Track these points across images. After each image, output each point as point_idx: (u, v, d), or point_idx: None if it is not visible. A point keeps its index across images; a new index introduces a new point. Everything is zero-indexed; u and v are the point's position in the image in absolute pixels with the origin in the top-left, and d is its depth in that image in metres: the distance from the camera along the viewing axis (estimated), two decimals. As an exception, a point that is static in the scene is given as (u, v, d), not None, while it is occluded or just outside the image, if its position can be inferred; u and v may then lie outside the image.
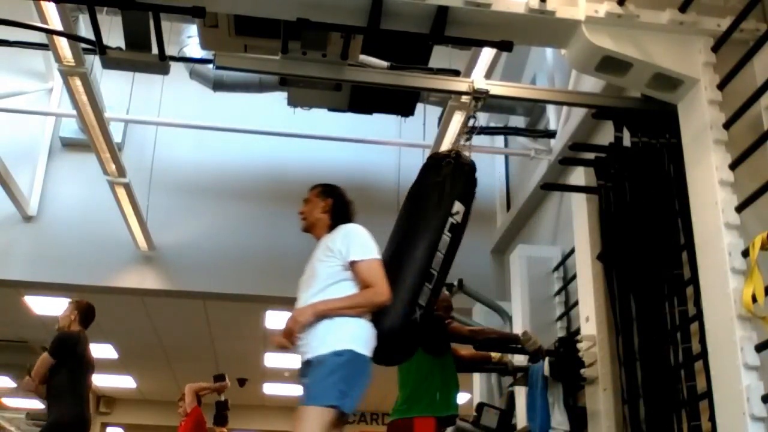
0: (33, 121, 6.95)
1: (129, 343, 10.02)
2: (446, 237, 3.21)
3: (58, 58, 4.61)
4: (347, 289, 3.12)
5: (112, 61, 3.89)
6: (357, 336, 2.98)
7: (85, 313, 5.31)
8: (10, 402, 14.60)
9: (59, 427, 4.88)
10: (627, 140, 3.72)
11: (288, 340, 3.09)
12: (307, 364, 2.99)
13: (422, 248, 3.26)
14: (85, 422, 5.06)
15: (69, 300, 5.47)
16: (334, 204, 3.53)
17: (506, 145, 6.98)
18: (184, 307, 8.78)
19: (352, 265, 3.15)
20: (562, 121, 5.49)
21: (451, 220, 3.24)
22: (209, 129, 6.82)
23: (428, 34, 3.15)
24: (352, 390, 2.88)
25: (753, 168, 2.91)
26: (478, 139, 3.53)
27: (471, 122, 3.46)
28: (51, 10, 4.08)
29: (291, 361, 11.59)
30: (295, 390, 13.11)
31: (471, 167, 3.38)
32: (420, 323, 3.09)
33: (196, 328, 9.80)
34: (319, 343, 2.96)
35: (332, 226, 3.42)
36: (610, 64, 3.22)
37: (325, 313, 3.00)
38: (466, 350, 4.51)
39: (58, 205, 6.82)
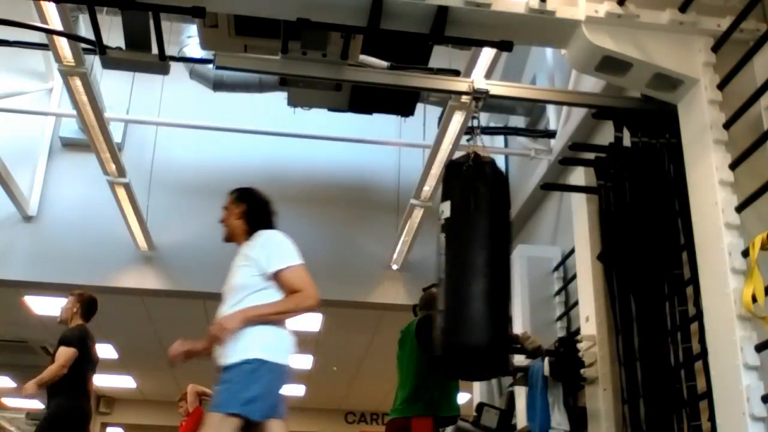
0: (33, 121, 6.95)
1: (129, 343, 10.02)
2: (442, 238, 3.20)
3: (58, 58, 4.61)
4: (268, 297, 3.09)
5: (112, 61, 3.89)
6: (267, 345, 2.98)
7: (87, 305, 5.29)
8: (10, 402, 14.61)
9: (57, 418, 4.87)
10: (627, 140, 3.72)
11: (208, 347, 3.14)
12: (220, 370, 3.02)
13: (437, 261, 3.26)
14: (85, 414, 5.03)
15: (71, 293, 5.44)
16: (249, 208, 3.46)
17: (506, 145, 6.98)
18: (184, 307, 8.77)
19: (276, 275, 3.12)
20: (562, 121, 5.49)
21: (440, 222, 3.23)
22: (209, 129, 6.82)
23: (428, 34, 3.15)
24: (260, 398, 2.89)
25: (753, 168, 2.91)
26: (477, 141, 3.52)
27: (474, 122, 3.45)
28: (51, 10, 4.08)
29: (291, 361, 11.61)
30: (295, 390, 13.12)
31: (492, 166, 3.32)
32: (443, 327, 3.07)
33: (196, 328, 9.77)
34: (230, 352, 2.97)
35: (250, 232, 3.35)
36: (610, 64, 3.22)
37: (253, 319, 2.99)
38: None
39: (58, 205, 6.82)
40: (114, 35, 4.03)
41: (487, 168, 3.27)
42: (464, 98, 4.44)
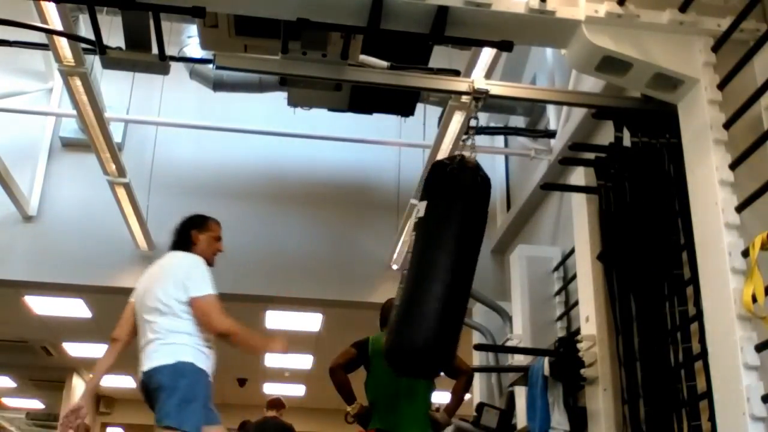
0: (33, 121, 6.95)
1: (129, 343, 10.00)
2: (412, 237, 3.23)
3: (58, 58, 4.60)
4: None
5: (112, 61, 3.89)
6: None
7: None
8: (10, 402, 14.61)
9: None
10: (627, 140, 3.72)
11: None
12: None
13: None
14: None
15: None
16: None
17: (506, 145, 6.99)
18: (184, 307, 8.78)
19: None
20: (562, 121, 5.49)
21: (414, 221, 3.25)
22: (209, 129, 6.83)
23: (428, 34, 3.15)
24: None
25: (753, 168, 2.91)
26: (478, 139, 3.52)
27: (473, 123, 3.45)
28: (51, 10, 4.07)
29: (291, 361, 11.61)
30: (295, 390, 13.13)
31: (474, 171, 3.33)
32: (397, 321, 3.13)
33: (196, 328, 9.79)
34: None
35: None
36: (610, 64, 3.22)
37: None
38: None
39: (58, 205, 6.82)
40: (114, 35, 4.03)
41: (469, 173, 3.26)
42: (464, 98, 4.44)
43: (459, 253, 3.17)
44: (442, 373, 4.43)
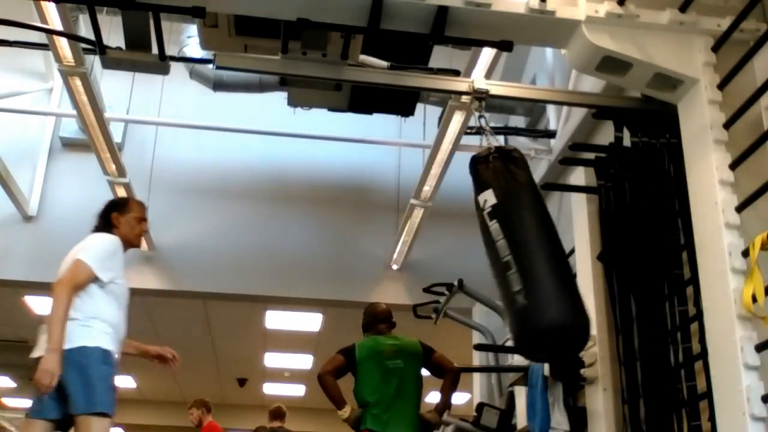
0: (33, 121, 6.96)
1: (129, 343, 10.02)
2: (494, 225, 3.13)
3: (58, 58, 4.61)
4: None
5: (112, 61, 3.89)
6: None
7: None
8: (10, 402, 14.61)
9: None
10: (627, 140, 3.72)
11: None
12: None
13: (487, 254, 3.23)
14: None
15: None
16: None
17: (507, 145, 6.98)
18: (184, 307, 8.80)
19: None
20: (562, 121, 5.49)
21: (485, 211, 3.17)
22: (209, 129, 6.83)
23: (428, 34, 3.15)
24: None
25: (753, 168, 2.91)
26: (477, 139, 3.52)
27: (482, 122, 3.44)
28: (51, 10, 4.08)
29: (291, 361, 11.62)
30: (295, 390, 13.13)
31: (517, 152, 3.34)
32: (529, 303, 2.97)
33: (196, 328, 9.81)
34: None
35: None
36: (610, 64, 3.22)
37: None
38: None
39: (58, 205, 6.82)
40: (114, 35, 4.03)
41: (515, 153, 3.28)
42: (464, 98, 4.44)
43: (543, 218, 3.18)
44: (428, 372, 4.52)
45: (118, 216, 3.70)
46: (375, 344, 4.49)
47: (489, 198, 3.18)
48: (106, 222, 3.70)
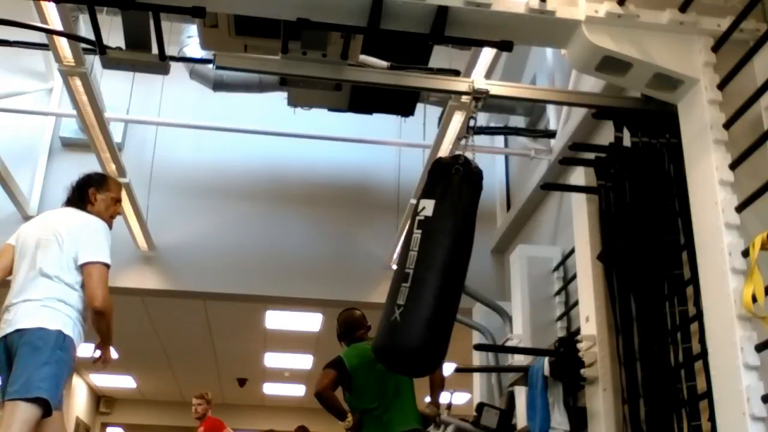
0: (33, 121, 6.95)
1: (129, 343, 10.01)
2: (417, 234, 3.18)
3: (58, 58, 4.61)
4: None
5: (112, 61, 3.88)
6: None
7: None
8: (10, 402, 14.59)
9: None
10: (627, 140, 3.72)
11: None
12: None
13: (398, 256, 3.30)
14: None
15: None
16: None
17: (506, 145, 6.99)
18: (184, 307, 8.79)
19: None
20: (562, 121, 5.49)
21: (418, 218, 3.21)
22: (209, 129, 6.83)
23: (428, 34, 3.15)
24: None
25: (753, 168, 2.91)
26: (478, 139, 3.52)
27: (471, 123, 3.45)
28: (51, 10, 4.08)
29: (291, 361, 11.62)
30: (295, 390, 13.13)
31: (479, 175, 3.35)
32: (401, 322, 3.06)
33: (196, 328, 9.81)
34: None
35: None
36: (610, 64, 3.22)
37: None
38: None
39: (57, 205, 6.77)
40: (114, 35, 4.03)
41: (474, 178, 3.28)
42: (464, 98, 4.44)
43: (462, 252, 3.19)
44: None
45: (95, 192, 3.59)
46: (362, 351, 4.50)
47: (428, 207, 3.22)
48: (81, 196, 3.56)
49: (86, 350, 3.59)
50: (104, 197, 3.57)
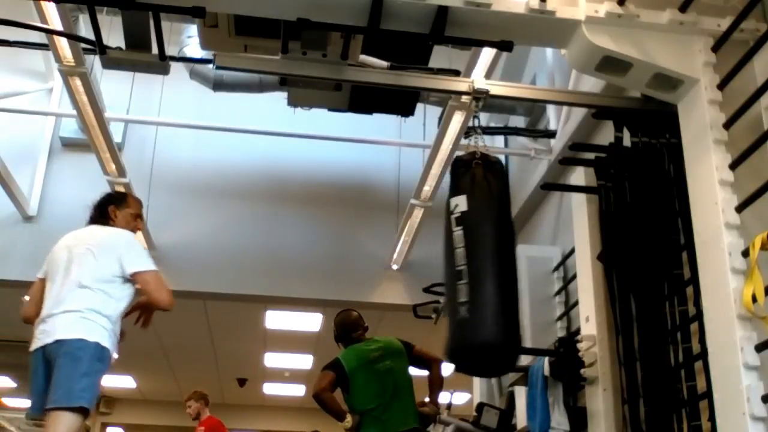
0: (33, 121, 6.95)
1: (129, 343, 9.98)
2: (457, 231, 3.16)
3: (58, 58, 4.61)
4: None
5: (112, 61, 3.89)
6: None
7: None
8: (10, 402, 14.61)
9: None
10: (627, 140, 3.72)
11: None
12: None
13: (444, 257, 3.24)
14: None
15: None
16: None
17: (506, 145, 6.98)
18: (184, 307, 8.77)
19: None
20: (562, 121, 5.49)
21: (453, 216, 3.20)
22: (209, 129, 6.83)
23: (428, 34, 3.15)
24: None
25: (753, 168, 2.91)
26: (478, 140, 3.52)
27: (474, 122, 3.45)
28: (51, 10, 4.08)
29: (291, 361, 11.62)
30: (295, 390, 13.13)
31: (500, 163, 3.37)
32: (470, 317, 3.01)
33: (196, 328, 9.80)
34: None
35: None
36: (610, 64, 3.22)
37: None
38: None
39: (58, 205, 6.81)
40: (114, 35, 4.03)
41: (496, 166, 3.30)
42: (464, 98, 4.44)
43: (507, 236, 3.20)
44: (413, 367, 4.57)
45: (115, 210, 3.67)
46: (359, 353, 4.51)
47: (461, 204, 3.21)
48: (102, 214, 3.66)
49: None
50: (124, 214, 3.67)
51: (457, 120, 4.98)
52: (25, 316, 3.57)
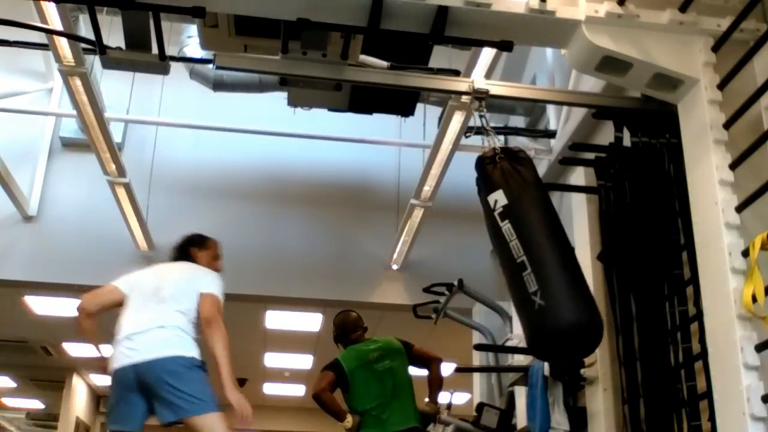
0: (33, 121, 6.95)
1: (129, 343, 10.01)
2: (505, 225, 3.12)
3: (58, 58, 4.61)
4: None
5: (112, 61, 3.89)
6: None
7: None
8: (10, 402, 14.61)
9: None
10: (627, 140, 3.72)
11: None
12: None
13: (499, 254, 3.22)
14: None
15: None
16: None
17: (506, 145, 6.98)
18: (184, 307, 8.77)
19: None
20: (562, 121, 5.49)
21: (496, 212, 3.17)
22: (209, 129, 6.83)
23: (428, 34, 3.15)
24: None
25: (753, 168, 2.91)
26: (477, 139, 3.52)
27: (483, 122, 3.44)
28: (51, 10, 4.08)
29: (291, 361, 11.62)
30: (295, 390, 13.13)
31: (522, 151, 3.36)
32: (546, 305, 2.96)
33: (196, 328, 9.79)
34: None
35: None
36: (610, 64, 3.22)
37: None
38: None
39: (58, 205, 6.82)
40: (114, 35, 4.03)
41: (521, 154, 3.29)
42: (464, 98, 4.44)
43: (554, 217, 3.18)
44: (413, 367, 4.57)
45: (197, 251, 3.88)
46: (359, 353, 4.51)
47: (500, 198, 3.17)
48: (184, 255, 3.88)
49: (86, 350, 3.62)
50: (205, 254, 3.87)
51: (457, 120, 4.98)
52: (83, 306, 3.64)
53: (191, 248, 3.89)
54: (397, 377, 4.44)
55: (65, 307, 8.64)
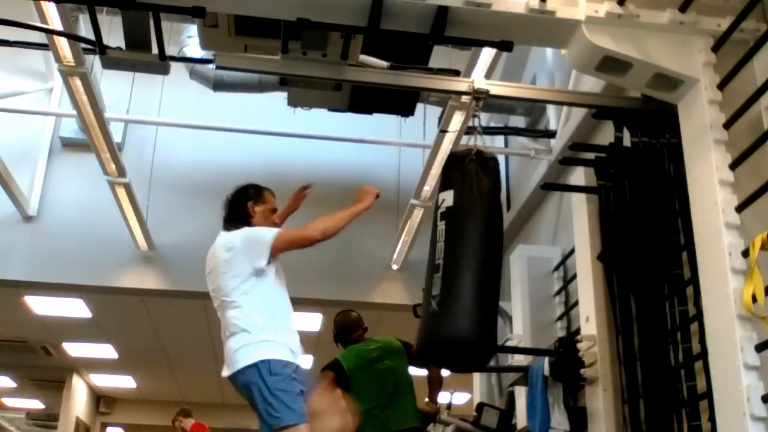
0: (33, 121, 6.95)
1: (129, 343, 10.02)
2: (441, 226, 3.19)
3: (58, 58, 4.61)
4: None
5: (112, 61, 3.89)
6: None
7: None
8: (10, 402, 14.62)
9: None
10: (627, 140, 3.72)
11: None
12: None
13: (429, 250, 3.24)
14: None
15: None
16: None
17: (506, 145, 6.98)
18: (184, 307, 8.78)
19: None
20: (562, 121, 5.49)
21: (440, 210, 3.22)
22: (209, 129, 6.83)
23: (428, 34, 3.15)
24: None
25: (753, 168, 2.91)
26: (477, 139, 3.52)
27: (475, 122, 3.45)
28: (51, 10, 4.08)
29: (291, 361, 11.63)
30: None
31: (494, 160, 3.37)
32: (439, 311, 3.02)
33: (196, 328, 9.79)
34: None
35: None
36: (610, 64, 3.22)
37: None
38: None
39: (58, 205, 6.82)
40: (114, 35, 4.03)
41: (491, 162, 3.31)
42: (464, 98, 4.44)
43: (491, 235, 3.18)
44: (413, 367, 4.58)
45: (254, 205, 3.60)
46: (359, 353, 4.52)
47: (447, 198, 3.23)
48: (240, 211, 3.55)
49: (86, 350, 3.60)
50: (262, 209, 3.63)
51: (457, 120, 4.98)
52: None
53: (249, 202, 3.57)
54: (398, 377, 4.45)
55: (65, 307, 8.65)
